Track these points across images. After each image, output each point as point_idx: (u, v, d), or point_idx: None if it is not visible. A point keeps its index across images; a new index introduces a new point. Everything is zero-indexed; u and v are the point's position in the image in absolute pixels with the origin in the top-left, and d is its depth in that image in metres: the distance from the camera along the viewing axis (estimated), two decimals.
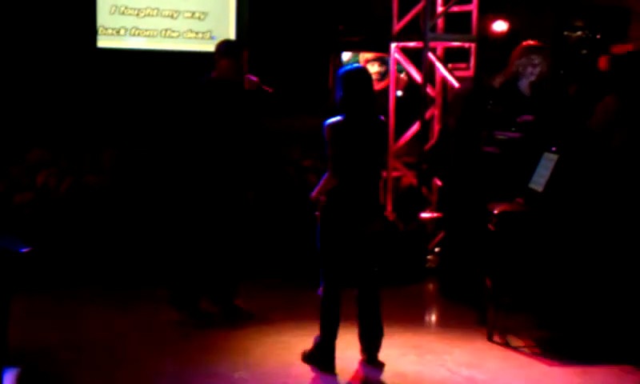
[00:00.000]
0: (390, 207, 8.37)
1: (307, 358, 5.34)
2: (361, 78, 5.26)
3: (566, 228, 5.76)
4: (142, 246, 7.99)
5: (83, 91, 8.16)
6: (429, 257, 7.91)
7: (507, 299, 5.88)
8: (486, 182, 6.68)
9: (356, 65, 5.43)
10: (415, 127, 8.22)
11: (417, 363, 5.43)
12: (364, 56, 9.00)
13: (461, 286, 6.85)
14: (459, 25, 8.28)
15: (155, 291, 6.76)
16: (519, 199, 6.02)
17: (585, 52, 8.90)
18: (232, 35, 8.49)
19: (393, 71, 8.41)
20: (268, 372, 5.23)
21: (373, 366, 5.30)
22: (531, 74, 6.86)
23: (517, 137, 6.67)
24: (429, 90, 8.20)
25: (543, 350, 5.66)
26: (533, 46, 7.01)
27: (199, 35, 8.61)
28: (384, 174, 8.42)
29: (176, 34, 8.53)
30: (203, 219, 6.02)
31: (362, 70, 5.40)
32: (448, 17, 8.27)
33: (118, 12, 8.33)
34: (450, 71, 8.08)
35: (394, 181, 8.53)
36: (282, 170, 8.40)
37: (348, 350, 5.39)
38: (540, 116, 6.73)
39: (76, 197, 8.24)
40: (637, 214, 5.75)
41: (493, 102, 6.92)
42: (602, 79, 7.15)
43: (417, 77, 8.19)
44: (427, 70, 8.01)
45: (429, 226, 8.08)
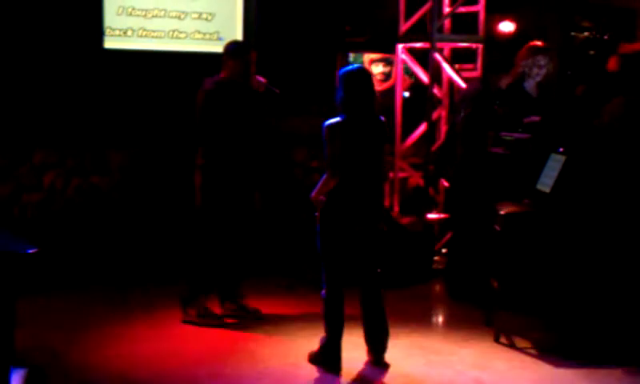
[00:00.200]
0: (397, 208, 8.37)
1: (313, 358, 5.34)
2: (361, 79, 5.23)
3: (573, 229, 5.74)
4: (149, 246, 8.03)
5: (90, 92, 8.18)
6: (435, 258, 7.90)
7: (514, 300, 5.87)
8: (492, 182, 6.66)
9: (356, 65, 5.41)
10: (422, 128, 8.22)
11: (423, 364, 5.43)
12: (369, 56, 9.00)
13: (467, 286, 6.85)
14: (466, 25, 8.28)
15: (161, 291, 6.78)
16: (526, 200, 6.01)
17: (592, 53, 8.88)
18: (239, 36, 8.49)
19: (400, 72, 8.40)
20: (274, 373, 5.23)
21: (379, 367, 5.30)
22: (537, 74, 6.84)
23: (524, 138, 6.66)
24: (436, 90, 8.19)
25: (550, 351, 5.64)
26: (538, 46, 6.99)
27: (206, 36, 8.60)
28: (391, 175, 8.42)
29: (183, 35, 8.53)
30: (212, 219, 6.02)
31: (363, 70, 5.37)
32: (455, 17, 8.26)
33: (125, 13, 8.33)
34: (457, 72, 8.07)
35: (401, 182, 8.53)
36: (289, 170, 8.41)
37: (355, 351, 5.39)
38: (547, 117, 6.71)
39: (83, 197, 8.28)
40: None
41: (499, 102, 6.91)
42: (611, 80, 7.12)
43: (424, 77, 8.19)
44: (434, 70, 8.01)
45: (435, 227, 8.08)
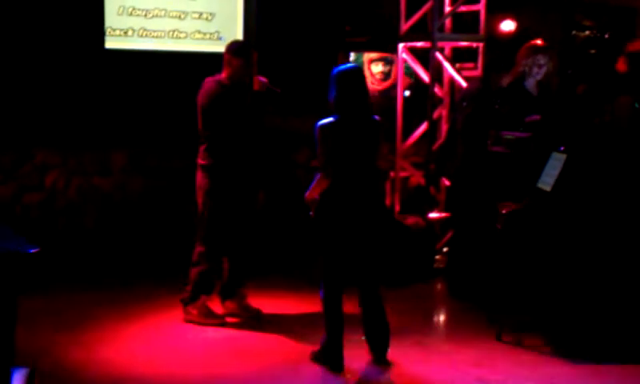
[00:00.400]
0: (398, 207, 8.37)
1: (315, 357, 5.34)
2: (355, 78, 5.21)
3: (574, 228, 5.74)
4: (150, 246, 8.02)
5: (91, 92, 8.18)
6: (437, 257, 7.90)
7: (516, 299, 5.87)
8: (493, 181, 6.66)
9: (350, 64, 5.37)
10: (423, 127, 8.22)
11: (425, 363, 5.43)
12: (368, 55, 8.99)
13: (469, 285, 6.84)
14: (467, 25, 8.28)
15: (163, 291, 6.78)
16: (527, 199, 6.00)
17: (593, 51, 8.89)
18: (240, 36, 8.49)
19: (401, 72, 8.40)
20: (276, 372, 5.23)
21: (381, 366, 5.29)
22: (537, 73, 6.84)
23: (525, 136, 6.66)
24: (436, 89, 8.19)
25: (552, 350, 5.64)
26: (538, 45, 6.99)
27: (207, 36, 8.60)
28: (392, 174, 8.42)
29: (183, 35, 8.53)
30: (214, 219, 6.02)
31: (356, 69, 5.33)
32: (455, 16, 8.26)
33: (126, 13, 8.33)
34: (458, 71, 8.07)
35: (402, 181, 8.53)
36: (290, 170, 8.41)
37: (357, 350, 5.38)
38: (548, 116, 6.71)
39: (84, 198, 8.28)
40: None
41: (500, 101, 6.90)
42: (614, 79, 7.10)
43: (424, 77, 8.18)
44: (435, 70, 8.01)
45: (437, 226, 8.08)
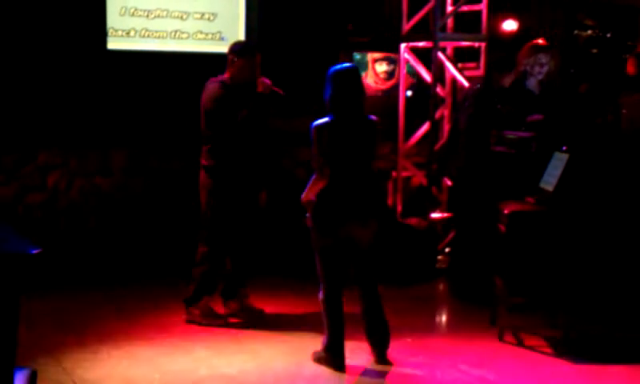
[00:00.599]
0: (400, 207, 8.37)
1: (317, 358, 5.33)
2: (350, 78, 5.17)
3: (576, 227, 5.73)
4: (152, 246, 8.03)
5: (93, 93, 8.18)
6: (439, 257, 7.90)
7: (518, 299, 5.86)
8: (496, 181, 6.66)
9: (346, 64, 5.35)
10: (425, 127, 8.21)
11: (427, 363, 5.41)
12: (372, 55, 9.00)
13: (471, 285, 6.84)
14: (469, 24, 8.27)
15: (165, 291, 6.78)
16: (530, 199, 6.00)
17: (595, 51, 8.87)
18: (242, 36, 8.48)
19: (403, 71, 8.39)
20: (278, 373, 5.22)
21: (383, 366, 5.29)
22: (539, 73, 6.84)
23: (527, 136, 6.66)
24: (439, 89, 8.19)
25: (554, 350, 5.64)
26: (540, 45, 6.99)
27: (209, 36, 8.60)
28: (394, 174, 8.42)
29: (185, 36, 8.53)
30: (217, 219, 6.01)
31: (352, 69, 5.28)
32: (458, 16, 8.26)
33: (128, 14, 8.33)
34: (460, 71, 8.06)
35: (404, 181, 8.52)
36: (290, 170, 8.41)
37: (358, 350, 5.38)
38: (550, 115, 6.71)
39: (86, 198, 8.28)
40: None
41: (502, 101, 6.90)
42: (622, 80, 7.08)
43: (426, 77, 8.18)
44: (437, 69, 8.00)
45: (439, 226, 8.08)
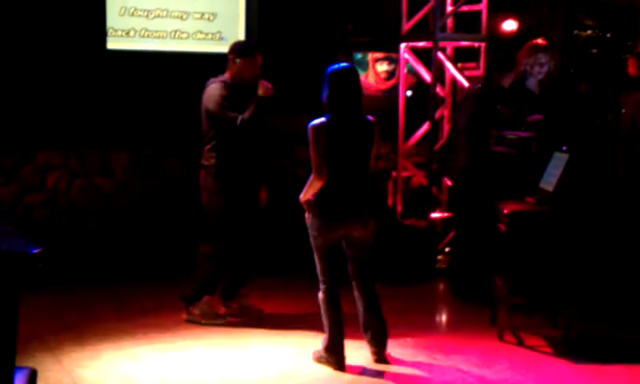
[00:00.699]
0: (400, 207, 8.37)
1: (317, 357, 5.33)
2: (347, 78, 5.16)
3: (576, 227, 5.74)
4: (152, 246, 8.03)
5: (93, 93, 8.18)
6: (439, 257, 7.90)
7: (518, 299, 5.86)
8: (496, 181, 6.66)
9: (343, 63, 5.34)
10: (425, 127, 8.22)
11: (427, 363, 5.41)
12: (373, 54, 9.00)
13: (471, 285, 6.84)
14: (469, 24, 8.27)
15: (165, 291, 6.78)
16: (530, 199, 6.01)
17: (595, 51, 8.87)
18: (241, 36, 8.48)
19: (402, 71, 8.40)
20: (278, 372, 5.22)
21: (383, 365, 5.29)
22: (539, 73, 6.84)
23: (527, 136, 6.66)
24: (438, 89, 8.19)
25: (554, 350, 5.64)
26: (539, 45, 6.99)
27: (209, 36, 8.60)
28: (394, 174, 8.42)
29: (185, 36, 8.53)
30: (218, 219, 6.01)
31: (350, 69, 5.26)
32: (457, 16, 8.26)
33: (128, 13, 8.33)
34: (460, 71, 8.06)
35: (404, 181, 8.52)
36: (290, 169, 8.41)
37: (359, 350, 5.38)
38: (550, 115, 6.71)
39: (86, 198, 8.29)
40: None
41: (502, 101, 6.90)
42: (623, 81, 7.07)
43: (426, 76, 8.18)
44: (437, 69, 8.01)
45: (439, 226, 8.08)
